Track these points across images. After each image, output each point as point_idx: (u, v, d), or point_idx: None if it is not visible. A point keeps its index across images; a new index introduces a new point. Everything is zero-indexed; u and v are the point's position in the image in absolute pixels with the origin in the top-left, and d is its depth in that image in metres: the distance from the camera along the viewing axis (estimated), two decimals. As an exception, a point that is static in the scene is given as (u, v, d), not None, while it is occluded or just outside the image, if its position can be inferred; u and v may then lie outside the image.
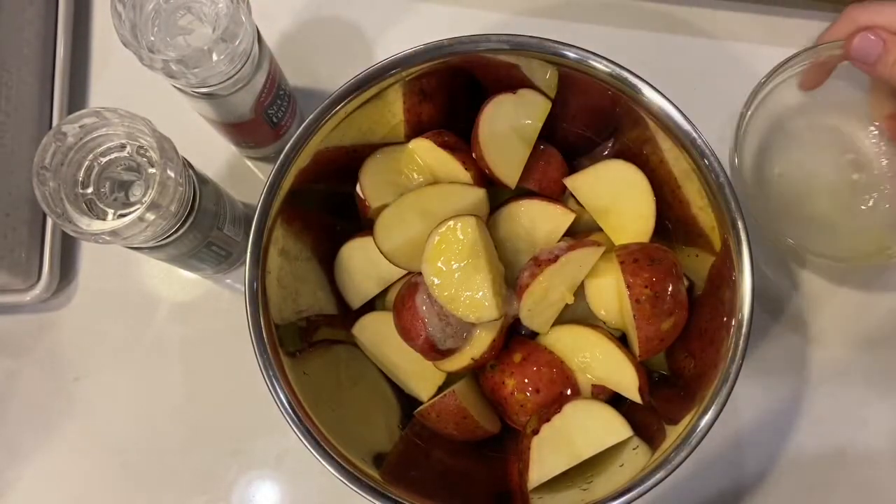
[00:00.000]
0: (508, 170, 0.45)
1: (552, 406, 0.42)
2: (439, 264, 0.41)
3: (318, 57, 0.57)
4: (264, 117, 0.48)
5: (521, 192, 0.46)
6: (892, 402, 0.52)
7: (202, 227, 0.44)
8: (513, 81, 0.44)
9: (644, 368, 0.43)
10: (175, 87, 0.42)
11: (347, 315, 0.48)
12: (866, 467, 0.51)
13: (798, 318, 0.53)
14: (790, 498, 0.51)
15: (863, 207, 0.50)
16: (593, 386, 0.43)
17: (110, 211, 0.40)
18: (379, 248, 0.44)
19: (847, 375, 0.52)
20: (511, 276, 0.44)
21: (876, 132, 0.51)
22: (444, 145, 0.45)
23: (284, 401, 0.38)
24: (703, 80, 0.55)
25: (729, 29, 0.57)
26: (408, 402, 0.48)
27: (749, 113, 0.48)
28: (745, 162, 0.49)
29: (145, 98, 0.49)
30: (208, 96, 0.43)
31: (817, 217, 0.51)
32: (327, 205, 0.47)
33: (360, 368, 0.47)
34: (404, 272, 0.46)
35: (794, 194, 0.51)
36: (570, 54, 0.40)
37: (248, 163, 0.56)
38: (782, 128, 0.51)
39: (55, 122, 0.55)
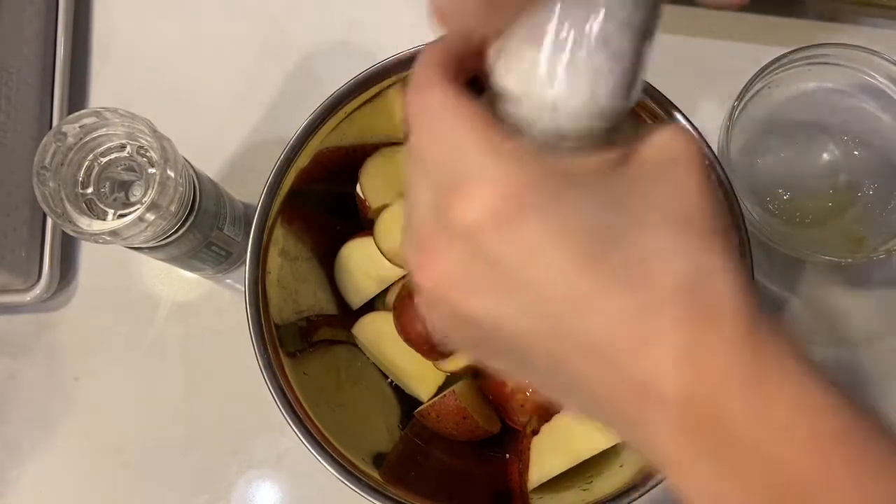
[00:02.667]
0: (508, 170, 0.45)
1: (552, 406, 0.42)
2: (439, 264, 0.41)
3: (318, 57, 0.57)
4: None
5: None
6: (891, 401, 0.52)
7: (202, 227, 0.44)
8: (513, 81, 0.44)
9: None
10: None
11: (347, 315, 0.48)
12: (866, 467, 0.51)
13: (797, 318, 0.53)
14: (790, 498, 0.51)
15: (848, 206, 0.50)
16: (593, 386, 0.43)
17: (110, 211, 0.40)
18: (379, 248, 0.44)
19: (846, 375, 0.52)
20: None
21: (857, 133, 0.51)
22: (444, 145, 0.45)
23: (284, 401, 0.38)
24: (702, 81, 0.55)
25: (730, 29, 0.57)
26: (408, 402, 0.48)
27: (737, 114, 0.48)
28: (732, 163, 0.50)
29: (145, 98, 0.49)
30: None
31: (804, 216, 0.51)
32: (327, 205, 0.47)
33: (360, 368, 0.47)
34: (404, 272, 0.46)
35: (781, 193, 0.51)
36: (570, 54, 0.40)
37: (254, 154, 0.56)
38: (769, 129, 0.52)
39: (55, 122, 0.55)
